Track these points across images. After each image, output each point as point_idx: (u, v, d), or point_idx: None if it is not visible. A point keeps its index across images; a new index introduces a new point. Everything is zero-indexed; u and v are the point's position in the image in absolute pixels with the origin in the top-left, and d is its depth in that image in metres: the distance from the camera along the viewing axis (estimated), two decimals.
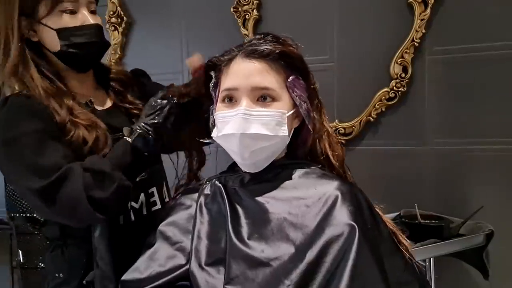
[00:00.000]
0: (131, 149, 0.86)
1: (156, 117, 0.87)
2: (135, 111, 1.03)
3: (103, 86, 1.05)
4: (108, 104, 1.04)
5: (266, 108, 0.78)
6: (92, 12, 0.95)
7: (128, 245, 0.89)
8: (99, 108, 0.99)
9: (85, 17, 0.92)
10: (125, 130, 0.89)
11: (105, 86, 1.05)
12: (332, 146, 0.87)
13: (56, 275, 0.95)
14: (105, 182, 0.81)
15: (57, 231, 0.95)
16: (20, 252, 1.01)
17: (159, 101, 0.90)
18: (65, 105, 0.89)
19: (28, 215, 1.00)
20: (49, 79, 0.91)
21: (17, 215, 1.02)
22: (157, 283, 0.78)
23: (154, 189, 1.04)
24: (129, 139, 0.86)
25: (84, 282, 0.91)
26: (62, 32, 0.90)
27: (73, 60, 0.95)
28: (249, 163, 0.80)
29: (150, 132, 0.86)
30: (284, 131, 0.79)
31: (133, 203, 0.97)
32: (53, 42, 0.92)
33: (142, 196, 1.00)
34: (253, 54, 0.80)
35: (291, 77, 0.82)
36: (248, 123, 0.76)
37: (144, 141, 0.86)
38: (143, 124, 0.87)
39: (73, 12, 0.91)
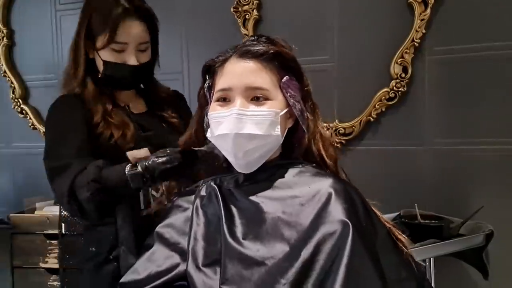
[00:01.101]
0: (123, 179, 0.94)
1: (164, 164, 0.93)
2: (170, 120, 1.20)
3: (143, 96, 1.23)
4: (143, 109, 1.21)
5: (260, 108, 0.79)
6: (142, 51, 1.12)
7: (147, 229, 0.94)
8: (134, 111, 1.17)
9: (127, 57, 1.09)
10: (129, 154, 0.97)
11: (145, 97, 1.23)
12: (325, 147, 0.87)
13: (90, 249, 1.12)
14: (84, 188, 0.95)
15: None
16: (63, 225, 1.25)
17: (173, 153, 0.94)
18: (104, 108, 1.10)
19: None
20: (99, 87, 1.13)
21: None
22: (155, 283, 0.78)
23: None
24: (127, 170, 0.94)
25: (111, 257, 1.05)
26: (106, 64, 1.10)
27: (111, 84, 1.14)
28: (242, 163, 0.81)
29: (148, 176, 0.92)
30: (278, 131, 0.80)
31: (153, 192, 1.08)
32: (100, 67, 1.12)
33: (164, 185, 1.08)
34: (247, 54, 0.81)
35: (285, 78, 0.82)
36: (241, 123, 0.77)
37: (137, 179, 0.93)
38: (150, 164, 0.93)
39: (121, 51, 1.09)
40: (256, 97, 0.80)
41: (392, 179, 1.87)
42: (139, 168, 0.92)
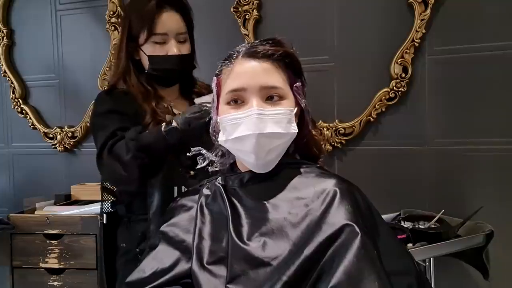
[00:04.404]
0: (160, 136, 1.04)
1: (197, 119, 1.03)
2: None
3: (186, 96, 1.27)
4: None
5: (277, 107, 0.80)
6: (181, 42, 1.18)
7: None
8: (176, 111, 1.20)
9: (170, 48, 1.15)
10: (168, 117, 1.11)
11: (188, 97, 1.27)
12: (317, 146, 0.92)
13: (121, 245, 1.18)
14: (124, 148, 1.03)
15: (123, 209, 1.19)
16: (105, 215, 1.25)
17: (204, 105, 1.05)
18: (151, 107, 1.15)
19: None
20: (144, 86, 1.18)
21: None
22: (160, 281, 0.79)
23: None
24: (163, 127, 1.04)
25: (137, 250, 1.10)
26: (151, 58, 1.16)
27: (157, 80, 1.20)
28: (262, 163, 0.81)
29: (183, 129, 1.03)
30: (294, 128, 0.81)
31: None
32: (146, 64, 1.18)
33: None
34: (256, 54, 0.81)
35: (298, 83, 0.84)
36: (263, 122, 0.77)
37: (172, 134, 1.03)
38: (185, 118, 1.04)
39: (163, 43, 1.15)
40: (270, 96, 0.80)
41: (392, 179, 1.87)
42: (174, 124, 1.03)
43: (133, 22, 1.17)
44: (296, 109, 0.84)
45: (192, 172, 1.12)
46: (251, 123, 0.77)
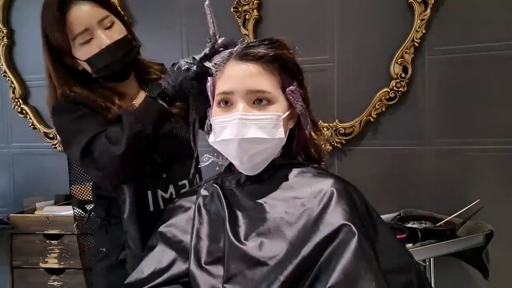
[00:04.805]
0: (148, 99, 0.96)
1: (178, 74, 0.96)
2: (174, 110, 1.08)
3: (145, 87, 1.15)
4: None
5: (263, 112, 0.79)
6: (109, 27, 1.03)
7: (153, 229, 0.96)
8: None
9: (100, 41, 1.01)
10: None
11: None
12: (317, 150, 0.90)
13: (100, 249, 1.11)
14: (121, 129, 0.93)
15: (103, 213, 1.11)
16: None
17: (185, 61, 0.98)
18: (117, 104, 1.04)
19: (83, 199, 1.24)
20: (97, 91, 1.05)
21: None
22: (158, 280, 0.79)
23: (185, 182, 1.12)
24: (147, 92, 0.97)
25: (118, 259, 1.03)
26: (89, 61, 1.02)
27: (109, 79, 1.06)
28: (247, 166, 0.81)
29: (168, 82, 0.96)
30: (281, 133, 0.80)
31: (162, 193, 1.08)
32: (89, 69, 1.04)
33: (171, 187, 1.09)
34: (247, 56, 0.80)
35: (292, 87, 0.83)
36: (245, 127, 0.77)
37: (157, 88, 0.96)
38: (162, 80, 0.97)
39: (90, 39, 1.01)
40: (259, 100, 0.79)
41: (392, 179, 1.87)
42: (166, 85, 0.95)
43: (49, 35, 1.05)
44: (288, 113, 0.83)
45: (164, 175, 1.07)
46: (234, 127, 0.77)
